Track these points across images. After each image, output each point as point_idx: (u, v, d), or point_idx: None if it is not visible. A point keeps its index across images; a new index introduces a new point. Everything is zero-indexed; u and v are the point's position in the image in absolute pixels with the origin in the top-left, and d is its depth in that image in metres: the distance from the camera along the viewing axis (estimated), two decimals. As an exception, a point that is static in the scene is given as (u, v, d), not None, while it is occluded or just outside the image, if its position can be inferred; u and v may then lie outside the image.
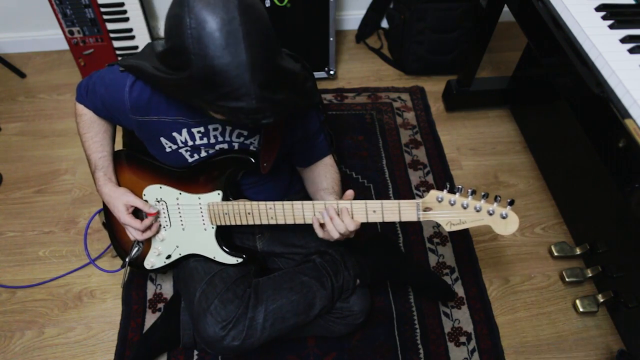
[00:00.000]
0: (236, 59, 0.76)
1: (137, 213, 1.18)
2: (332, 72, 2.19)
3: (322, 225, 1.04)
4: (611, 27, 1.17)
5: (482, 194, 0.93)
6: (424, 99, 2.17)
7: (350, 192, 1.03)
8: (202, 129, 1.09)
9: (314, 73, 2.19)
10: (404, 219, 1.00)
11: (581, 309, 1.49)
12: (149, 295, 1.53)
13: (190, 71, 0.79)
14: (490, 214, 0.93)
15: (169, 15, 0.82)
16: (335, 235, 1.02)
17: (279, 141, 1.09)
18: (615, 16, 1.20)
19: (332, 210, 1.01)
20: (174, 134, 1.09)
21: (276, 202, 1.06)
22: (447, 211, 0.96)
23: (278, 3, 1.88)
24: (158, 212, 1.18)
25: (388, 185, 1.84)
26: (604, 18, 1.19)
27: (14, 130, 2.03)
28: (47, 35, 2.32)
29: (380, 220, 1.01)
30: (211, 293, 1.17)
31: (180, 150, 1.12)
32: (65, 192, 1.81)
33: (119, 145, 1.26)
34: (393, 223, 1.72)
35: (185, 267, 1.25)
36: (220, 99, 0.80)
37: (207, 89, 0.80)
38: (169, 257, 1.25)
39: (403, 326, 1.48)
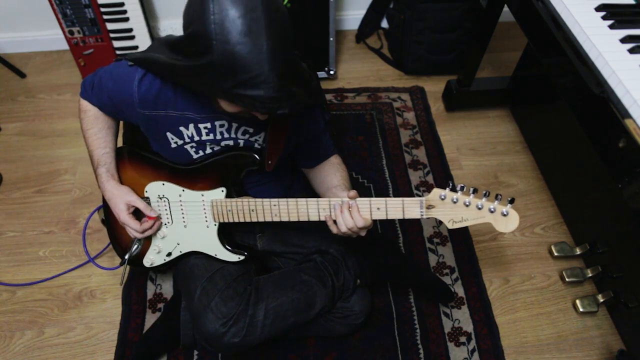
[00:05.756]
0: (257, 46, 0.78)
1: (138, 212, 1.18)
2: (332, 72, 2.19)
3: (334, 221, 1.05)
4: (611, 27, 1.17)
5: (484, 192, 0.95)
6: (424, 99, 2.17)
7: (353, 192, 1.03)
8: (208, 125, 1.09)
9: (314, 73, 2.20)
10: (407, 217, 1.01)
11: (581, 309, 1.49)
12: (149, 295, 1.53)
13: (210, 57, 0.80)
14: (492, 212, 0.95)
15: (190, 2, 0.84)
16: (342, 228, 1.03)
17: (284, 139, 1.10)
18: (615, 16, 1.20)
19: (344, 205, 1.02)
20: (181, 128, 1.09)
21: (280, 199, 1.07)
22: (449, 209, 0.98)
23: (278, 3, 1.88)
24: (158, 216, 1.18)
25: (388, 185, 1.84)
26: (604, 18, 1.19)
27: (14, 130, 2.03)
28: (47, 35, 2.32)
29: (384, 218, 1.02)
30: (212, 290, 1.17)
31: (185, 146, 1.12)
32: (65, 192, 1.81)
33: (119, 143, 1.27)
34: (393, 223, 1.72)
35: (186, 264, 1.25)
36: (238, 87, 0.81)
37: (225, 76, 0.81)
38: (169, 254, 1.25)
39: (403, 326, 1.48)
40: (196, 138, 1.11)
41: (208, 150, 1.14)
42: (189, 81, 0.91)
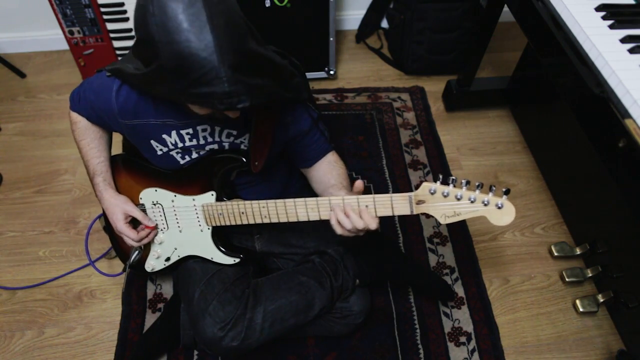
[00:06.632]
0: (202, 41, 0.75)
1: (136, 220, 1.18)
2: (332, 72, 2.19)
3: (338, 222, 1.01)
4: (611, 27, 1.17)
5: (477, 184, 0.90)
6: (424, 99, 2.17)
7: (359, 183, 0.99)
8: (190, 130, 1.08)
9: (314, 73, 2.19)
10: (397, 213, 0.98)
11: (581, 309, 1.49)
12: (149, 295, 1.53)
13: (159, 61, 0.79)
14: (485, 205, 0.91)
15: (135, 8, 0.81)
16: (342, 231, 1.00)
17: (269, 139, 1.08)
18: (615, 16, 1.19)
19: (347, 207, 0.99)
20: (164, 136, 1.09)
21: (269, 201, 1.05)
22: (440, 203, 0.94)
23: (278, 3, 1.88)
24: (156, 226, 1.19)
25: (388, 185, 1.84)
26: (604, 18, 1.19)
27: (14, 130, 2.03)
28: (47, 35, 2.32)
29: (373, 215, 0.99)
30: (210, 294, 1.17)
31: (171, 153, 1.12)
32: (65, 192, 1.81)
33: (119, 149, 1.27)
34: (393, 223, 1.72)
35: (184, 268, 1.25)
36: (192, 86, 0.79)
37: (178, 78, 0.79)
38: (168, 259, 1.25)
39: (403, 326, 1.48)
40: (180, 145, 1.10)
41: (194, 155, 1.13)
42: (150, 89, 0.90)
